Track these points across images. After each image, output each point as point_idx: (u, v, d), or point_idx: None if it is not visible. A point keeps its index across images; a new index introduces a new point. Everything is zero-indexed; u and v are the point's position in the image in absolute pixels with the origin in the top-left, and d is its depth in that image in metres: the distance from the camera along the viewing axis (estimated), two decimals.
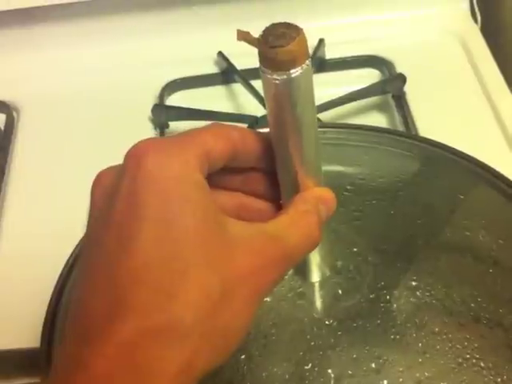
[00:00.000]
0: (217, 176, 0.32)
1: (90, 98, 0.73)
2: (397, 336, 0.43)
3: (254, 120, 0.66)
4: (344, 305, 0.45)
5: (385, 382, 0.42)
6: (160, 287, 0.27)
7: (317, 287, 0.45)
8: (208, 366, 0.28)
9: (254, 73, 0.31)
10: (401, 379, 0.42)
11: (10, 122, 0.71)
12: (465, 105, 0.69)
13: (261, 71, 0.30)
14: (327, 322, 0.44)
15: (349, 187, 0.51)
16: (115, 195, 0.29)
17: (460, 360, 0.42)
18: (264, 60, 0.30)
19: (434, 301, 0.45)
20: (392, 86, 0.69)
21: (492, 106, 0.68)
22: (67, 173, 0.65)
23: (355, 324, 0.44)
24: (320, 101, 0.62)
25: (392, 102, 0.69)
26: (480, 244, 0.48)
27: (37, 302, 0.45)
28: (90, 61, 0.76)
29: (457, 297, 0.45)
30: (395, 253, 0.48)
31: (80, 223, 0.47)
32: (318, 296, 0.45)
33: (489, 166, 0.49)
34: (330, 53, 0.74)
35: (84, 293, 0.29)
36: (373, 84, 0.70)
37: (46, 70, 0.75)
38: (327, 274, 0.39)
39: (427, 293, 0.45)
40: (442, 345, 0.43)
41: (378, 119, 0.69)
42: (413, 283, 0.46)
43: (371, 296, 0.45)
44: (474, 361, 0.42)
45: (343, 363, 0.42)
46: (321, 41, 0.74)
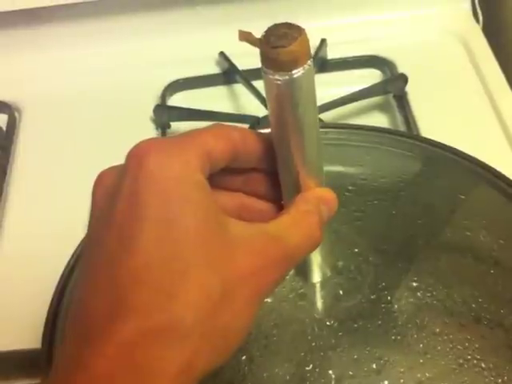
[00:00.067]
0: (218, 176, 0.32)
1: (92, 98, 0.73)
2: (398, 337, 0.43)
3: (256, 120, 0.66)
4: (345, 305, 0.45)
5: (385, 383, 0.42)
6: (161, 287, 0.27)
7: (318, 288, 0.45)
8: (208, 367, 0.28)
9: (256, 73, 0.31)
10: (402, 380, 0.42)
11: (12, 123, 0.71)
12: (466, 105, 0.69)
13: (262, 72, 0.30)
14: (328, 323, 0.44)
15: (350, 187, 0.50)
16: (116, 195, 0.29)
17: (461, 361, 0.42)
18: (266, 60, 0.30)
19: (435, 301, 0.45)
20: (393, 86, 0.69)
21: (494, 106, 0.68)
22: (69, 173, 0.65)
23: (356, 325, 0.44)
24: (322, 101, 0.62)
25: (393, 102, 0.69)
26: (481, 244, 0.48)
27: (38, 303, 0.45)
28: (92, 61, 0.76)
29: (458, 297, 0.45)
30: (396, 253, 0.48)
31: (81, 223, 0.47)
32: (319, 297, 0.45)
33: (489, 166, 0.49)
34: (332, 53, 0.74)
35: (85, 293, 0.29)
36: (374, 84, 0.70)
37: (48, 71, 0.76)
38: (328, 275, 0.39)
39: (428, 293, 0.45)
40: (443, 345, 0.43)
41: (380, 119, 0.69)
42: (414, 284, 0.46)
43: (372, 296, 0.45)
44: (475, 361, 0.42)
45: (344, 364, 0.42)
46: (323, 41, 0.74)
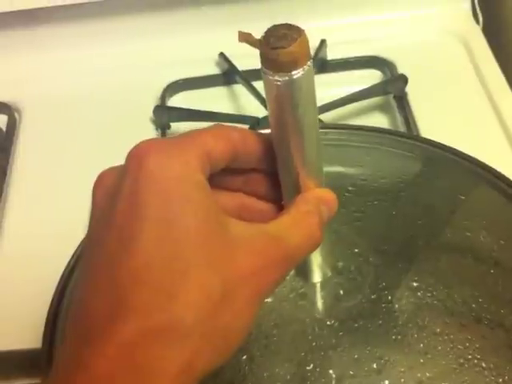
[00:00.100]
0: (218, 177, 0.32)
1: (92, 99, 0.73)
2: (398, 336, 0.43)
3: (256, 121, 0.66)
4: (345, 305, 0.45)
5: (386, 383, 0.42)
6: (161, 287, 0.27)
7: (318, 288, 0.45)
8: (209, 367, 0.28)
9: (256, 74, 0.31)
10: (402, 379, 0.42)
11: (12, 123, 0.71)
12: (466, 105, 0.69)
13: (262, 72, 0.30)
14: (329, 323, 0.44)
15: (350, 188, 0.51)
16: (117, 195, 0.29)
17: (461, 360, 0.42)
18: (265, 61, 0.30)
19: (436, 301, 0.45)
20: (393, 87, 0.69)
21: (494, 107, 0.67)
22: (69, 173, 0.65)
23: (356, 324, 0.44)
24: (321, 102, 0.62)
25: (393, 103, 0.69)
26: (481, 245, 0.48)
27: (38, 303, 0.45)
28: (92, 62, 0.76)
29: (458, 297, 0.45)
30: (396, 253, 0.48)
31: (82, 224, 0.47)
32: (320, 296, 0.45)
33: (490, 167, 0.49)
34: (332, 53, 0.74)
35: (85, 293, 0.29)
36: (374, 85, 0.70)
37: (47, 71, 0.75)
38: (328, 275, 0.39)
39: (428, 293, 0.45)
40: (444, 345, 0.43)
41: (380, 120, 0.69)
42: (414, 284, 0.46)
43: (372, 296, 0.45)
44: (476, 361, 0.42)
45: (344, 364, 0.42)
46: (322, 41, 0.74)
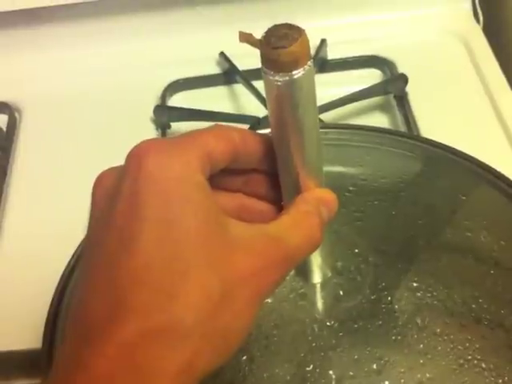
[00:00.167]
0: (218, 177, 0.32)
1: (92, 99, 0.73)
2: (398, 337, 0.43)
3: (256, 121, 0.66)
4: (345, 306, 0.45)
5: (386, 383, 0.42)
6: (161, 288, 0.27)
7: (318, 288, 0.45)
8: (209, 367, 0.28)
9: (256, 73, 0.31)
10: (402, 380, 0.42)
11: (12, 123, 0.71)
12: (467, 105, 0.69)
13: (263, 72, 0.30)
14: (328, 323, 0.44)
15: (351, 188, 0.50)
16: (116, 196, 0.29)
17: (461, 361, 0.42)
18: (266, 61, 0.30)
19: (436, 302, 0.45)
20: (394, 87, 0.69)
21: (494, 106, 0.67)
22: (69, 173, 0.65)
23: (356, 325, 0.44)
24: (322, 101, 0.62)
25: (394, 103, 0.69)
26: (481, 245, 0.48)
27: (38, 303, 0.45)
28: (92, 61, 0.76)
29: (458, 298, 0.45)
30: (396, 253, 0.48)
31: (82, 224, 0.47)
32: (320, 297, 0.45)
33: (490, 167, 0.49)
34: (332, 53, 0.74)
35: (85, 293, 0.29)
36: (375, 84, 0.70)
37: (48, 71, 0.75)
38: (328, 275, 0.39)
39: (428, 294, 0.45)
40: (444, 346, 0.43)
41: (380, 119, 0.69)
42: (414, 284, 0.46)
43: (372, 297, 0.45)
44: (476, 362, 0.42)
45: (344, 364, 0.42)
46: (323, 41, 0.74)
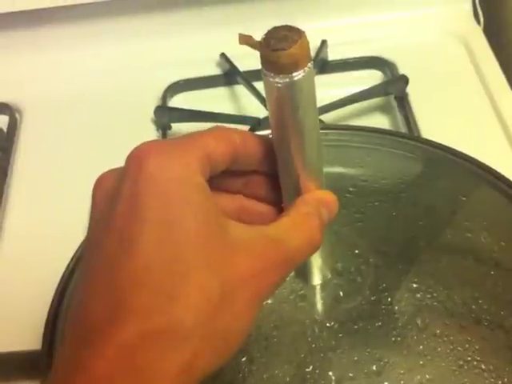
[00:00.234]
0: (218, 179, 0.32)
1: (93, 100, 0.73)
2: (398, 338, 0.43)
3: (257, 122, 0.66)
4: (345, 307, 0.45)
5: None
6: (161, 290, 0.27)
7: (318, 289, 0.45)
8: (209, 368, 0.28)
9: (257, 74, 0.31)
10: (402, 381, 0.42)
11: (13, 124, 0.71)
12: (467, 106, 0.69)
13: (263, 74, 0.30)
14: (328, 324, 0.44)
15: (351, 189, 0.51)
16: (116, 197, 0.29)
17: (461, 362, 0.42)
18: (266, 63, 0.30)
19: (436, 303, 0.45)
20: (394, 88, 0.69)
21: (494, 107, 0.67)
22: (69, 175, 0.65)
23: (356, 326, 0.44)
24: (322, 102, 0.62)
25: (394, 104, 0.69)
26: (481, 246, 0.48)
27: (38, 304, 0.45)
28: (93, 62, 0.76)
29: (458, 299, 0.45)
30: (397, 254, 0.48)
31: (82, 225, 0.47)
32: (319, 298, 0.45)
33: (490, 168, 0.49)
34: (332, 54, 0.74)
35: (85, 295, 0.29)
36: (375, 85, 0.70)
37: (48, 72, 0.75)
38: (328, 277, 0.39)
39: (428, 295, 0.45)
40: (443, 347, 0.43)
41: (381, 120, 0.69)
42: (414, 285, 0.46)
43: (372, 298, 0.45)
44: (475, 363, 0.42)
45: (344, 365, 0.42)
46: (323, 42, 0.74)
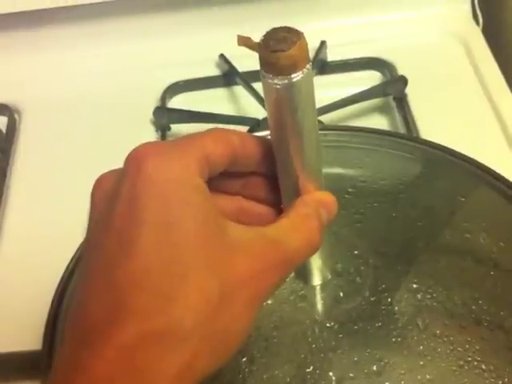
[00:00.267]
0: (217, 180, 0.32)
1: (92, 101, 0.73)
2: (398, 338, 0.43)
3: (256, 122, 0.66)
4: (345, 307, 0.45)
5: None
6: (160, 291, 0.27)
7: (318, 290, 0.45)
8: (208, 369, 0.28)
9: (256, 75, 0.31)
10: (402, 382, 0.42)
11: (12, 125, 0.71)
12: (466, 106, 0.69)
13: (261, 76, 0.30)
14: (328, 325, 0.44)
15: (350, 190, 0.51)
16: (115, 199, 0.29)
17: (461, 362, 0.42)
18: (265, 65, 0.30)
19: (435, 303, 0.45)
20: (393, 88, 0.69)
21: (493, 108, 0.67)
22: (69, 175, 0.65)
23: (356, 327, 0.44)
24: (321, 103, 0.62)
25: (393, 104, 0.69)
26: (481, 246, 0.48)
27: (38, 305, 0.45)
28: (92, 63, 0.76)
29: (458, 299, 0.45)
30: (396, 255, 0.48)
31: (81, 226, 0.47)
32: (319, 298, 0.45)
33: (489, 168, 0.49)
34: (332, 55, 0.74)
35: (84, 296, 0.29)
36: (374, 86, 0.70)
37: (48, 73, 0.75)
38: (328, 278, 0.39)
39: (428, 295, 0.45)
40: (443, 347, 0.43)
41: (380, 121, 0.69)
42: (414, 285, 0.46)
43: (372, 298, 0.45)
44: (475, 363, 0.42)
45: (344, 366, 0.42)
46: (322, 43, 0.74)
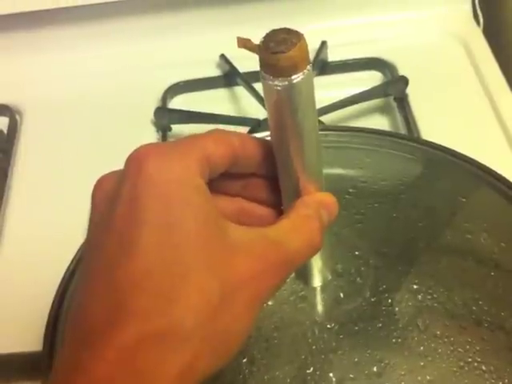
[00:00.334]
0: (217, 181, 0.32)
1: (93, 101, 0.73)
2: (398, 339, 0.43)
3: (257, 123, 0.66)
4: (345, 308, 0.45)
5: None
6: (161, 291, 0.27)
7: (318, 290, 0.45)
8: (209, 370, 0.28)
9: (257, 75, 0.31)
10: (402, 383, 0.42)
11: (13, 125, 0.71)
12: (467, 107, 0.69)
13: (262, 77, 0.30)
14: (329, 326, 0.44)
15: (351, 190, 0.51)
16: (116, 199, 0.29)
17: (462, 363, 0.42)
18: (265, 66, 0.30)
19: (436, 304, 0.45)
20: (394, 89, 0.69)
21: (494, 108, 0.67)
22: (70, 176, 0.65)
23: (357, 327, 0.44)
24: (322, 103, 0.62)
25: (394, 105, 0.69)
26: (481, 247, 0.48)
27: (39, 306, 0.45)
28: (93, 64, 0.76)
29: (458, 300, 0.45)
30: (397, 256, 0.48)
31: (82, 227, 0.47)
32: (320, 299, 0.45)
33: (490, 169, 0.49)
34: (332, 55, 0.74)
35: (84, 297, 0.29)
36: (375, 86, 0.70)
37: (48, 73, 0.75)
38: (329, 279, 0.39)
39: (429, 296, 0.45)
40: (444, 348, 0.43)
41: (380, 122, 0.69)
42: (414, 286, 0.46)
43: (373, 299, 0.45)
44: (476, 364, 0.42)
45: (345, 367, 0.42)
46: (323, 43, 0.74)
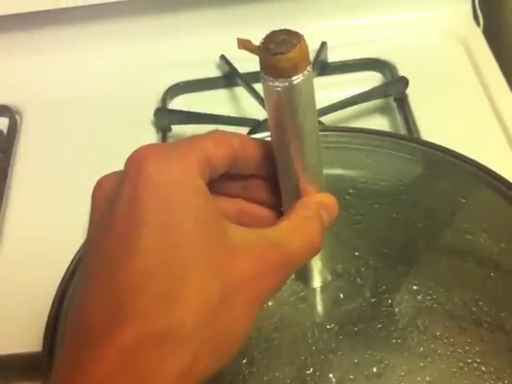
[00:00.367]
0: (217, 182, 0.32)
1: (93, 102, 0.73)
2: (398, 340, 0.43)
3: (257, 123, 0.66)
4: (345, 309, 0.45)
5: None
6: (161, 292, 0.27)
7: (318, 291, 0.45)
8: (209, 371, 0.28)
9: (257, 76, 0.31)
10: (402, 383, 0.42)
11: (13, 126, 0.71)
12: (467, 107, 0.69)
13: (262, 78, 0.30)
14: (329, 326, 0.44)
15: (351, 191, 0.51)
16: (116, 200, 0.29)
17: (461, 364, 0.42)
18: (265, 67, 0.30)
19: (436, 305, 0.45)
20: (394, 89, 0.69)
21: (494, 109, 0.67)
22: (69, 177, 0.65)
23: (356, 328, 0.44)
24: (322, 104, 0.62)
25: (394, 105, 0.69)
26: (481, 247, 0.48)
27: (39, 306, 0.45)
28: (92, 64, 0.76)
29: (458, 300, 0.45)
30: (397, 256, 0.48)
31: (82, 227, 0.47)
32: (320, 300, 0.45)
33: (490, 169, 0.49)
34: (332, 56, 0.74)
35: (84, 298, 0.29)
36: (375, 87, 0.70)
37: (48, 74, 0.75)
38: (329, 279, 0.39)
39: (428, 296, 0.45)
40: (444, 349, 0.43)
41: (380, 122, 0.69)
42: (414, 287, 0.46)
43: (372, 300, 0.45)
44: (476, 365, 0.42)
45: (345, 367, 0.42)
46: (323, 44, 0.74)
